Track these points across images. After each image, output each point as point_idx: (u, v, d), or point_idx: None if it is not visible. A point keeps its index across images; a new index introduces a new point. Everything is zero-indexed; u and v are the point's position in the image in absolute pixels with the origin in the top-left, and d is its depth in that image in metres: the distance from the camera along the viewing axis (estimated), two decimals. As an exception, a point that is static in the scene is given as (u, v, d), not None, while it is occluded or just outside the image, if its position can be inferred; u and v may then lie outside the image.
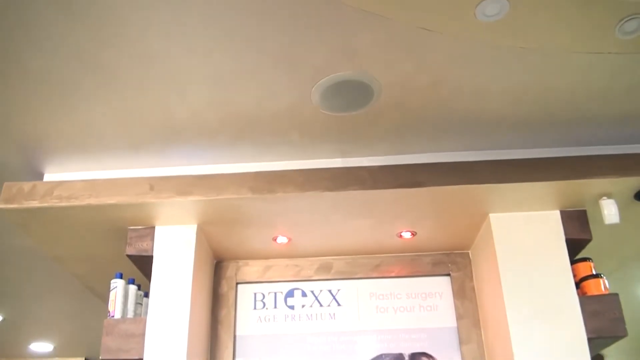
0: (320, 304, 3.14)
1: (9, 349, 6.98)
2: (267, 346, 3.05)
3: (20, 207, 2.62)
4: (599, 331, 2.55)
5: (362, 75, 2.19)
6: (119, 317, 2.70)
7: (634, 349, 6.68)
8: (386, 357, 3.00)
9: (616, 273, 3.75)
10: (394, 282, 3.17)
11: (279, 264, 3.20)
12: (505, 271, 2.67)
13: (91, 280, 3.61)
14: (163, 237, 2.78)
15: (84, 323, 5.43)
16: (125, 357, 2.58)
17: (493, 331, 2.82)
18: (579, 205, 2.75)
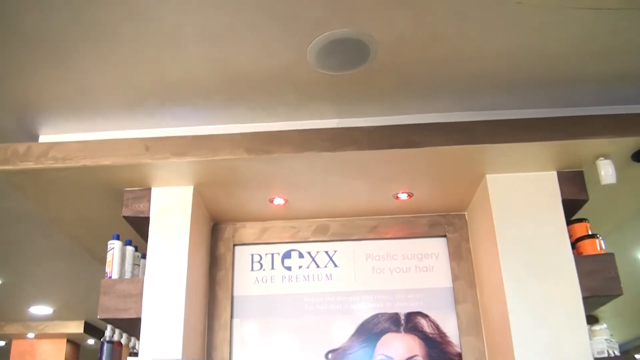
0: (317, 265, 3.16)
1: (8, 313, 7.04)
2: (265, 306, 3.08)
3: (15, 169, 2.60)
4: (594, 290, 2.57)
5: (358, 33, 2.16)
6: (117, 278, 2.71)
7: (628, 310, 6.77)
8: (382, 316, 3.03)
9: (612, 235, 3.76)
10: (390, 244, 3.19)
11: (276, 226, 3.21)
12: (502, 232, 2.68)
13: (89, 242, 3.62)
14: (159, 199, 2.77)
15: (83, 286, 5.47)
16: (123, 317, 2.60)
17: (488, 291, 2.84)
18: (575, 166, 2.75)
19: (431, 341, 2.97)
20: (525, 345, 2.47)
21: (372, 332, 3.00)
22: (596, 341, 2.55)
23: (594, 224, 2.79)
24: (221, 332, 2.98)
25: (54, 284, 5.82)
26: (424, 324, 3.01)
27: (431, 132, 2.54)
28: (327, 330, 3.02)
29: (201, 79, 2.43)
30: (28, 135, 2.83)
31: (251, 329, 3.04)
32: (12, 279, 5.58)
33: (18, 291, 6.10)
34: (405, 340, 2.97)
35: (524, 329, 2.50)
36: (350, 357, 2.95)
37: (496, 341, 2.76)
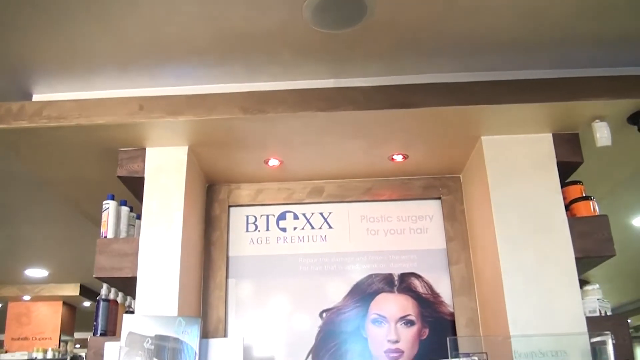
0: (312, 226, 3.17)
1: (4, 275, 7.08)
2: (260, 267, 3.10)
3: (8, 128, 2.58)
4: (587, 251, 2.59)
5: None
6: (112, 237, 2.72)
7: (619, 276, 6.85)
8: (376, 277, 3.06)
9: (606, 200, 3.79)
10: (384, 206, 3.20)
11: (271, 187, 3.21)
12: (496, 193, 2.69)
13: (84, 204, 3.62)
14: (154, 159, 2.77)
15: (79, 249, 5.48)
16: (119, 276, 2.62)
17: (482, 252, 2.86)
18: (571, 128, 2.74)
19: (424, 301, 3.00)
20: (518, 305, 2.50)
21: (366, 292, 3.03)
22: (588, 301, 2.58)
23: (588, 188, 2.80)
24: (217, 292, 3.01)
25: (49, 247, 5.84)
26: (418, 284, 3.04)
27: (428, 93, 2.53)
28: (321, 290, 3.05)
29: (195, 37, 2.39)
30: (22, 94, 2.79)
31: (246, 289, 3.06)
32: (7, 242, 5.59)
33: (13, 254, 6.13)
34: (399, 300, 3.01)
35: (517, 289, 2.53)
36: (344, 317, 2.99)
37: (489, 301, 2.79)
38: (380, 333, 2.95)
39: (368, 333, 2.96)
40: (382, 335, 2.94)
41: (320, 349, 2.94)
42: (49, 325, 7.70)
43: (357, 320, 2.98)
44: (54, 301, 7.77)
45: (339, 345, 2.94)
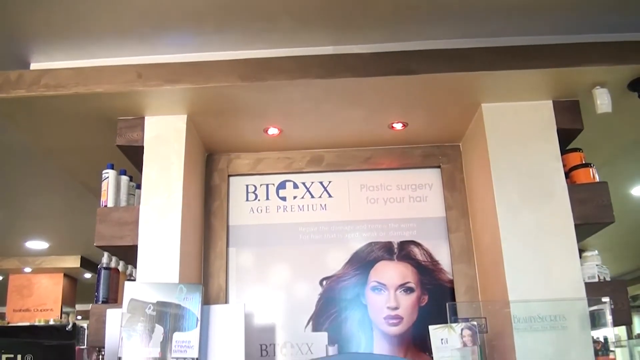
0: (312, 195, 3.18)
1: (4, 248, 7.09)
2: (260, 236, 3.11)
3: (7, 97, 2.56)
4: (586, 217, 2.61)
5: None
6: (112, 206, 2.72)
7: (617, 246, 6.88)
8: (375, 245, 3.07)
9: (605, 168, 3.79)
10: (384, 174, 3.20)
11: (270, 157, 3.21)
12: (496, 161, 2.68)
13: (83, 174, 3.62)
14: (153, 127, 2.75)
15: (79, 221, 5.48)
16: (119, 244, 2.63)
17: (481, 220, 2.87)
18: (571, 95, 2.74)
19: (424, 268, 3.02)
20: (517, 271, 2.52)
21: (366, 260, 3.05)
22: (587, 267, 2.60)
23: (587, 156, 2.80)
24: (217, 261, 3.02)
25: (50, 219, 5.84)
26: (417, 252, 3.06)
27: (428, 59, 2.51)
28: (321, 258, 3.07)
29: (194, 3, 2.36)
30: (19, 63, 2.76)
31: (247, 258, 3.08)
32: (7, 214, 5.59)
33: (13, 226, 6.13)
34: (398, 268, 3.02)
35: (516, 255, 2.55)
36: (344, 284, 3.01)
37: (488, 268, 2.81)
38: (379, 300, 2.97)
39: (368, 300, 2.98)
40: (381, 302, 2.97)
41: (321, 315, 2.97)
42: (51, 297, 7.74)
43: (356, 288, 3.00)
44: (55, 273, 7.80)
45: (339, 312, 2.97)
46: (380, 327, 2.94)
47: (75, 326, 1.86)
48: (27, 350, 1.75)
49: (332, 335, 2.92)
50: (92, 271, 7.78)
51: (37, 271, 7.73)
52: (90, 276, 8.04)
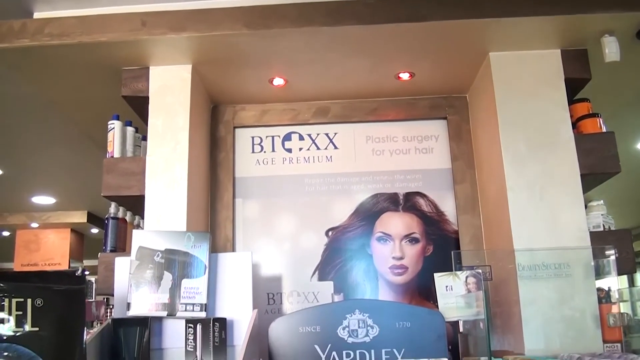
0: (318, 147, 3.17)
1: (10, 204, 7.14)
2: (266, 187, 3.12)
3: (11, 46, 2.54)
4: (592, 167, 2.60)
5: None
6: (118, 157, 2.73)
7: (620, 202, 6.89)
8: (381, 196, 3.08)
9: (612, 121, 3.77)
10: (390, 126, 3.19)
11: (276, 108, 3.19)
12: (503, 110, 2.67)
13: (89, 127, 3.61)
14: (158, 78, 2.74)
15: (85, 176, 5.50)
16: (126, 194, 2.64)
17: (487, 170, 2.87)
18: (580, 44, 2.70)
19: (429, 219, 3.04)
20: (522, 221, 2.54)
21: (372, 211, 3.06)
22: (592, 216, 2.61)
23: (594, 109, 2.78)
24: (224, 212, 3.04)
25: (56, 174, 5.85)
26: (422, 203, 3.07)
27: (435, 6, 2.46)
28: (327, 209, 3.08)
29: (197, -52, 2.33)
30: (23, 12, 2.74)
31: (253, 209, 3.10)
32: (13, 168, 5.60)
33: (20, 182, 6.15)
34: (404, 219, 3.04)
35: (521, 205, 2.56)
36: (349, 235, 3.03)
37: (493, 218, 2.82)
38: (385, 250, 3.00)
39: (373, 250, 3.01)
40: (386, 253, 2.99)
41: (326, 265, 3.00)
42: (58, 251, 7.82)
43: (362, 238, 3.03)
44: (62, 228, 7.86)
45: (345, 262, 3.00)
46: (386, 277, 2.97)
47: (84, 272, 1.88)
48: (36, 294, 1.77)
49: (338, 284, 2.96)
50: (99, 226, 7.84)
51: (44, 226, 7.79)
52: (97, 231, 8.10)
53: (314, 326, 2.21)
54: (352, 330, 2.19)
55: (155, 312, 2.19)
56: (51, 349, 1.73)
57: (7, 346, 1.69)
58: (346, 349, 2.18)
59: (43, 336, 1.74)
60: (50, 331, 1.75)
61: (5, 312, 1.72)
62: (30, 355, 1.70)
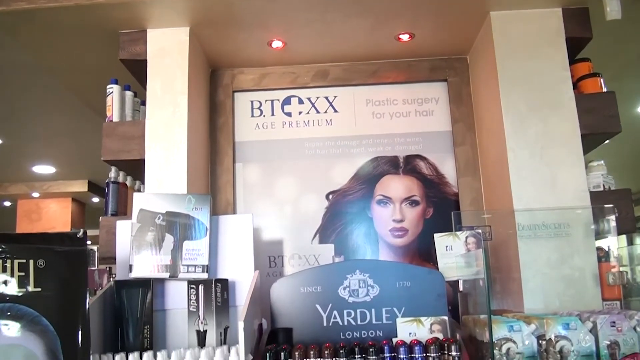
0: (317, 110, 3.16)
1: (11, 173, 7.15)
2: (266, 151, 3.12)
3: (7, 10, 2.51)
4: (593, 127, 2.60)
5: None
6: (117, 121, 2.72)
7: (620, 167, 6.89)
8: (381, 159, 3.08)
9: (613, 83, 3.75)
10: (390, 88, 3.18)
11: (275, 72, 3.17)
12: (503, 70, 2.65)
13: (88, 93, 3.58)
14: (156, 40, 2.72)
15: (85, 144, 5.51)
16: (127, 158, 2.64)
17: (488, 132, 2.87)
18: (581, 2, 2.67)
19: (429, 182, 3.04)
20: (522, 181, 2.54)
21: (372, 174, 3.06)
22: (592, 176, 2.61)
23: (596, 70, 2.76)
24: (224, 176, 3.05)
25: (55, 142, 5.85)
26: (423, 166, 3.07)
27: (435, -36, 2.44)
28: (327, 173, 3.08)
29: None
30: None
31: (253, 173, 3.10)
32: (13, 137, 5.59)
33: (19, 150, 6.15)
34: (404, 181, 3.04)
35: (522, 165, 2.55)
36: (350, 198, 3.04)
37: (493, 180, 2.82)
38: (385, 213, 3.01)
39: (373, 213, 3.01)
40: (387, 215, 3.00)
41: (327, 228, 3.01)
42: (60, 221, 7.86)
43: (362, 202, 3.03)
44: (63, 198, 7.89)
45: (345, 225, 3.01)
46: (386, 239, 2.98)
47: (86, 234, 1.88)
48: (38, 255, 1.78)
49: (339, 247, 2.98)
50: (100, 195, 7.86)
51: (44, 196, 7.81)
52: (98, 200, 8.13)
53: (315, 286, 2.23)
54: (352, 290, 2.21)
55: (158, 273, 2.20)
56: (54, 309, 1.74)
57: (10, 306, 1.70)
58: (347, 308, 2.19)
59: (46, 297, 1.75)
60: (53, 292, 1.76)
61: (7, 273, 1.73)
62: (34, 315, 1.71)
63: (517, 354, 1.87)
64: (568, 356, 1.87)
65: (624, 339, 1.92)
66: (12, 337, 1.67)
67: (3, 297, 1.70)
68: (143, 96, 2.75)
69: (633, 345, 1.92)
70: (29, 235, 1.84)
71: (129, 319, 2.14)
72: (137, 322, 2.13)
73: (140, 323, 2.13)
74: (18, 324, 1.68)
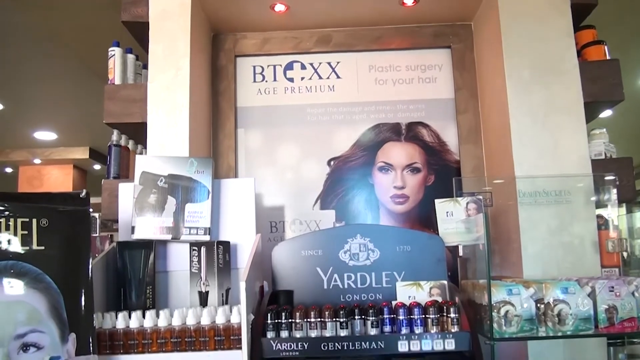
0: (320, 76, 3.14)
1: (13, 139, 7.15)
2: (268, 117, 3.11)
3: (7, -30, 2.50)
4: (596, 95, 2.60)
5: None
6: (119, 83, 2.71)
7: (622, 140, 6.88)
8: (383, 126, 3.07)
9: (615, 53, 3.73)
10: (393, 55, 3.16)
11: (278, 36, 3.15)
12: (508, 37, 2.63)
13: (89, 57, 3.59)
14: (157, 2, 2.69)
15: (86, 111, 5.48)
16: (129, 121, 2.64)
17: (490, 100, 2.85)
18: (587, -33, 2.65)
19: (431, 149, 3.04)
20: (524, 148, 2.54)
21: (374, 141, 3.06)
22: (594, 144, 2.61)
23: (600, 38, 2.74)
24: (226, 141, 3.04)
25: (57, 108, 5.83)
26: (425, 133, 3.06)
27: None
28: (329, 139, 3.08)
29: None
30: None
31: (255, 139, 3.10)
32: (14, 102, 5.58)
33: (20, 116, 6.14)
34: (406, 148, 3.04)
35: (524, 132, 2.55)
36: (351, 164, 3.04)
37: (495, 148, 2.82)
38: (386, 180, 3.01)
39: (375, 180, 3.02)
40: (388, 182, 3.01)
41: (328, 194, 3.02)
42: (61, 187, 7.86)
43: (364, 168, 3.03)
44: (65, 164, 7.90)
45: (346, 192, 3.02)
46: (387, 206, 2.99)
47: (89, 195, 1.89)
48: (41, 214, 1.79)
49: (340, 213, 2.99)
50: (101, 162, 7.86)
51: (46, 162, 7.82)
52: (99, 167, 8.14)
53: (316, 250, 2.25)
54: (353, 253, 2.23)
55: (160, 235, 2.21)
56: (57, 267, 1.76)
57: (14, 264, 1.72)
58: (347, 272, 2.21)
59: (49, 255, 1.77)
60: (56, 250, 1.78)
61: (10, 231, 1.74)
62: (37, 272, 1.73)
63: (515, 316, 1.88)
64: (566, 319, 1.89)
65: (622, 304, 1.94)
66: (16, 294, 1.69)
67: (6, 254, 1.72)
68: (145, 60, 2.74)
69: (631, 309, 1.94)
70: (32, 194, 1.85)
71: (132, 280, 2.16)
72: (139, 283, 2.15)
73: (143, 284, 2.15)
74: (21, 281, 1.70)
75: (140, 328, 1.84)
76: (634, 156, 7.87)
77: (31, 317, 1.67)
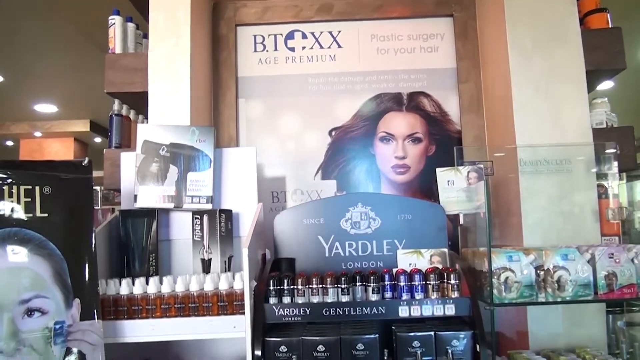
0: (321, 45, 3.12)
1: (13, 112, 7.13)
2: (269, 87, 3.10)
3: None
4: (598, 64, 2.58)
5: None
6: (120, 52, 2.70)
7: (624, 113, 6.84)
8: (385, 96, 3.06)
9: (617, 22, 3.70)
10: (395, 24, 3.13)
11: (278, 5, 3.12)
12: (510, 4, 2.61)
13: (89, 27, 3.56)
14: (157, -32, 2.67)
15: (87, 83, 5.47)
16: (130, 90, 2.64)
17: (493, 68, 2.84)
18: None
19: (432, 119, 3.03)
20: (526, 117, 2.53)
21: (375, 110, 3.05)
22: (596, 113, 2.61)
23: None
24: (227, 111, 3.04)
25: (58, 80, 5.81)
26: (426, 103, 3.05)
27: None
28: (330, 109, 3.07)
29: None
30: None
31: (256, 109, 3.09)
32: (14, 74, 5.56)
33: (21, 88, 6.12)
34: (407, 118, 3.04)
35: (526, 101, 2.54)
36: (353, 134, 3.03)
37: (497, 117, 2.82)
38: (387, 150, 3.01)
39: (376, 150, 3.02)
40: (389, 152, 3.01)
41: (330, 165, 3.02)
42: (63, 160, 7.88)
43: (365, 138, 3.03)
44: (65, 137, 7.89)
45: (348, 161, 3.02)
46: (388, 176, 3.00)
47: (91, 162, 1.90)
48: (44, 182, 1.80)
49: (341, 183, 3.00)
50: (102, 135, 7.86)
51: (47, 135, 7.82)
52: (100, 140, 8.14)
53: (317, 218, 2.26)
54: (354, 222, 2.24)
55: (162, 204, 2.22)
56: (60, 234, 1.78)
57: (18, 230, 1.73)
58: (349, 240, 2.23)
59: (52, 222, 1.78)
60: (59, 218, 1.79)
61: (14, 198, 1.75)
62: (40, 239, 1.74)
63: (515, 282, 1.90)
64: (565, 285, 1.91)
65: (622, 270, 1.96)
66: (20, 260, 1.70)
67: (10, 221, 1.73)
68: (145, 30, 2.72)
69: (630, 276, 1.96)
70: (35, 162, 1.86)
71: (135, 248, 2.18)
72: (142, 251, 2.17)
73: (146, 252, 2.17)
74: (25, 248, 1.71)
75: (144, 294, 1.86)
76: (637, 130, 7.81)
77: (35, 282, 1.69)
